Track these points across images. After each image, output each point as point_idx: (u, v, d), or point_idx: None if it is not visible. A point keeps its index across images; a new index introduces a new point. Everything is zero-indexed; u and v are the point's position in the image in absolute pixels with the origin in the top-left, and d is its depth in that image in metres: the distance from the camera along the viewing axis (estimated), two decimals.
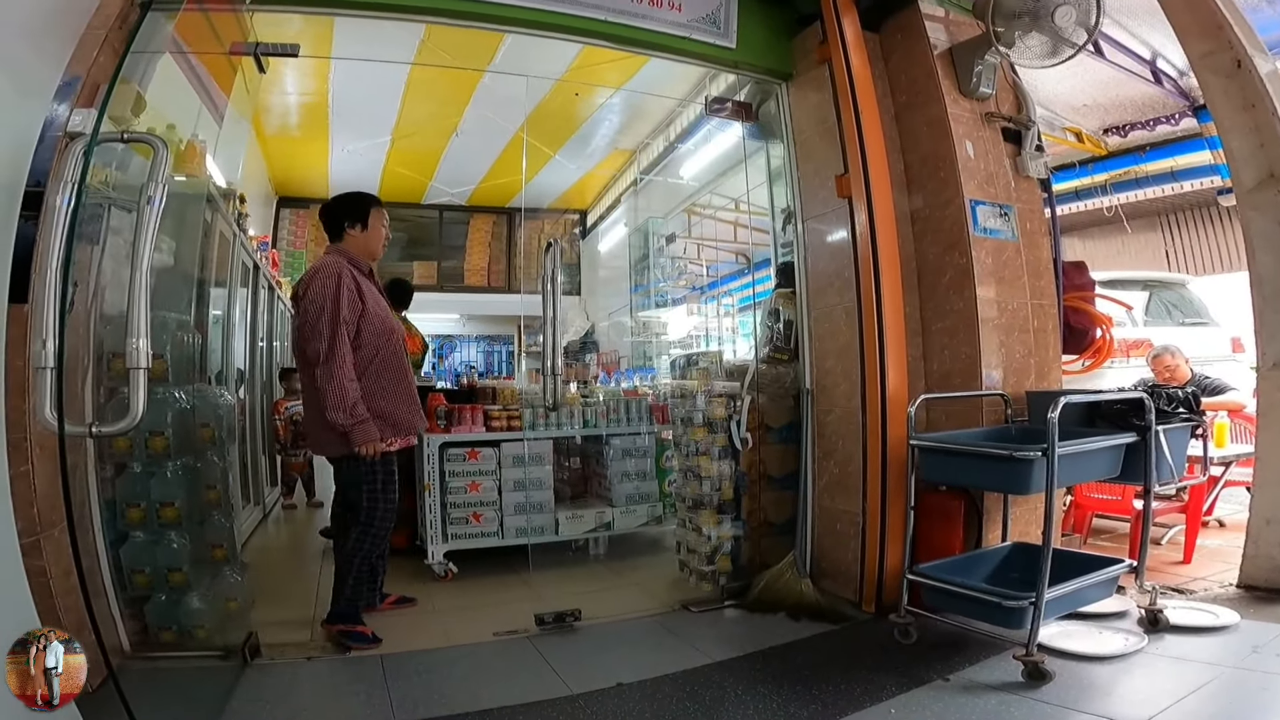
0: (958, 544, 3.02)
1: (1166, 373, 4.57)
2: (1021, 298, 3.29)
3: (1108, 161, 6.34)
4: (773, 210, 4.00)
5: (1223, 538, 4.14)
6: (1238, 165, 3.33)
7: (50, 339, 1.72)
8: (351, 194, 3.10)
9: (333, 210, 3.04)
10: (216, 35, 2.94)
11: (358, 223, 3.02)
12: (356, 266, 2.96)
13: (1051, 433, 2.39)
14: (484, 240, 9.62)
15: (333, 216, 3.03)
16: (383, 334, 2.95)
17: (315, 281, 2.85)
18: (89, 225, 2.26)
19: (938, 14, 3.42)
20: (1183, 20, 3.32)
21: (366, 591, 3.03)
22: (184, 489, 2.58)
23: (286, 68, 4.86)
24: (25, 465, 1.94)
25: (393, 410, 2.96)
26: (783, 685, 2.43)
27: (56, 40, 2.03)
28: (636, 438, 4.36)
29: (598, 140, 6.66)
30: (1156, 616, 2.78)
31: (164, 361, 2.56)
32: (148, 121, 2.46)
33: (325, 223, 3.07)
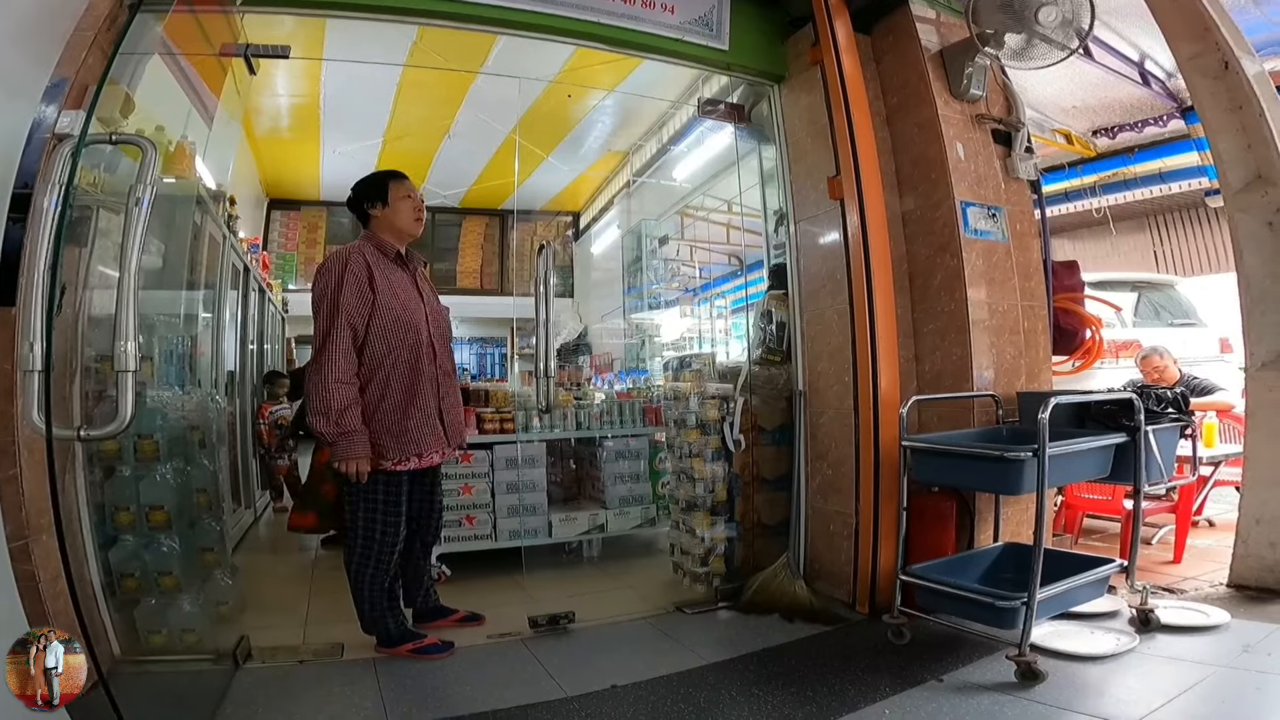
0: (950, 545, 3.03)
1: (1155, 373, 4.60)
2: (1012, 299, 3.31)
3: (1097, 163, 6.39)
4: (765, 212, 4.00)
5: (1213, 537, 4.17)
6: (1225, 166, 3.35)
7: (38, 342, 1.72)
8: (368, 175, 2.88)
9: (353, 197, 2.82)
10: (206, 37, 2.93)
11: (377, 201, 2.76)
12: (382, 252, 2.72)
13: (1042, 433, 2.40)
14: (477, 243, 9.59)
15: (355, 203, 2.82)
16: (398, 331, 2.63)
17: (318, 275, 2.62)
18: (77, 227, 2.24)
19: (929, 16, 3.43)
20: (1171, 22, 3.34)
21: (394, 613, 2.76)
22: (174, 492, 2.57)
23: (277, 69, 4.84)
24: (13, 469, 1.92)
25: (403, 424, 2.62)
26: (777, 687, 2.43)
27: (44, 41, 2.02)
28: (630, 440, 4.35)
29: (590, 142, 6.65)
30: (1148, 616, 2.79)
31: (153, 364, 2.55)
32: (136, 123, 2.45)
33: (354, 213, 2.85)
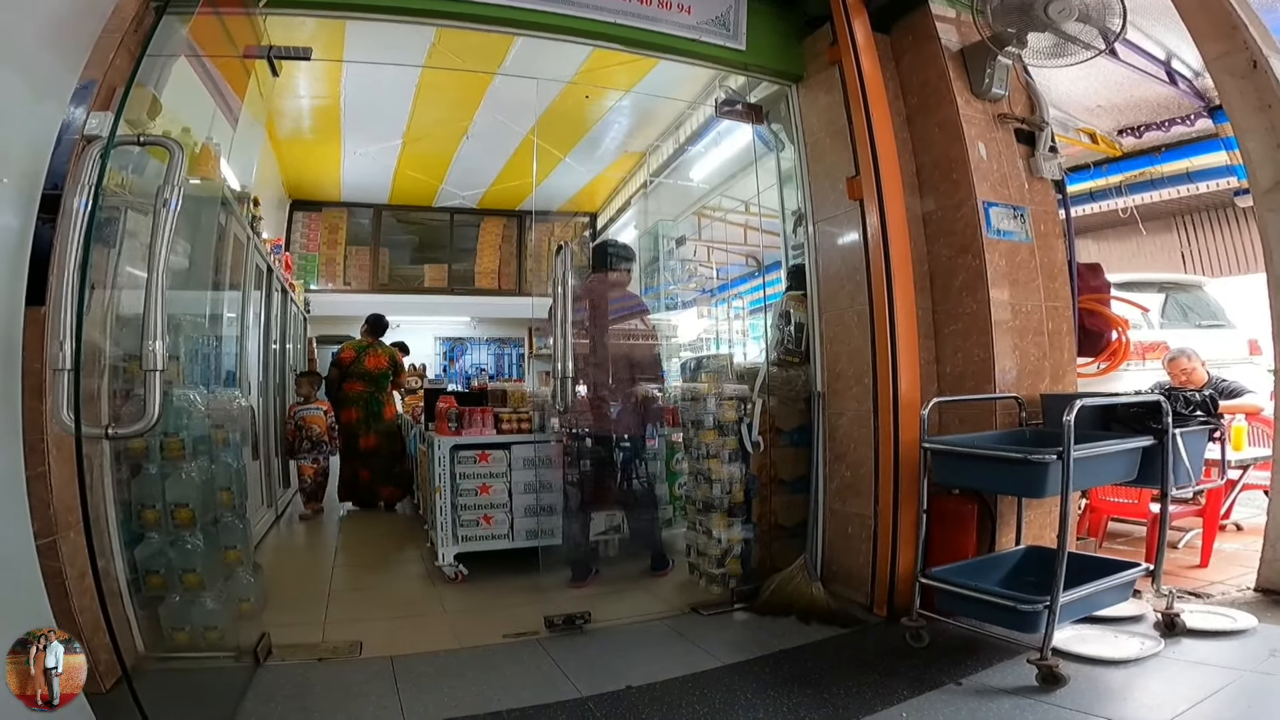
0: (970, 548, 3.00)
1: (1183, 375, 4.52)
2: (1035, 300, 3.27)
3: (1122, 163, 6.29)
4: (783, 212, 3.99)
5: (1240, 541, 4.10)
6: (1254, 166, 3.30)
7: (68, 341, 1.74)
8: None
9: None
10: (230, 39, 2.97)
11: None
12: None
13: (1067, 436, 2.37)
14: (494, 243, 9.64)
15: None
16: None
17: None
18: (106, 228, 2.28)
19: (949, 15, 3.40)
20: (1197, 21, 3.29)
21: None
22: (198, 490, 2.60)
23: (299, 71, 4.89)
24: (42, 466, 1.96)
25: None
26: (793, 689, 2.42)
27: (73, 44, 2.05)
28: (655, 440, 4.33)
29: (608, 143, 6.65)
30: (1173, 620, 2.75)
31: (179, 364, 2.58)
32: (163, 125, 2.49)
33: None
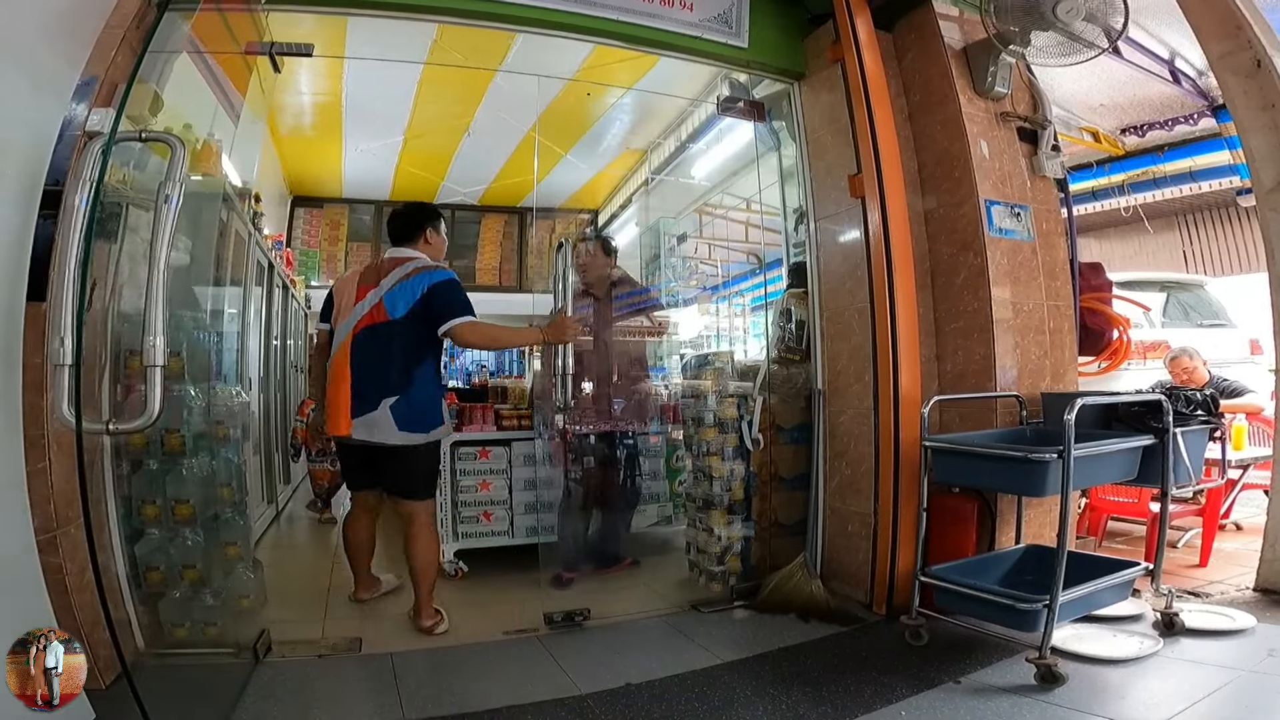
0: (970, 546, 3.00)
1: (1184, 374, 4.52)
2: (1037, 298, 3.27)
3: (1125, 161, 6.27)
4: (785, 210, 3.98)
5: (1240, 541, 4.09)
6: (1257, 165, 3.29)
7: (68, 336, 1.74)
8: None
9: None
10: (232, 35, 2.96)
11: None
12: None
13: (1068, 434, 2.37)
14: (496, 239, 9.62)
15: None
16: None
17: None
18: (107, 224, 2.28)
19: (951, 13, 3.39)
20: (1201, 20, 3.28)
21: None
22: (199, 486, 2.60)
23: (300, 68, 4.87)
24: (43, 462, 1.96)
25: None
26: (792, 686, 2.42)
27: (74, 40, 2.05)
28: (648, 438, 4.34)
29: (609, 140, 6.63)
30: (1172, 620, 2.75)
31: (180, 359, 2.58)
32: (165, 121, 2.49)
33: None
